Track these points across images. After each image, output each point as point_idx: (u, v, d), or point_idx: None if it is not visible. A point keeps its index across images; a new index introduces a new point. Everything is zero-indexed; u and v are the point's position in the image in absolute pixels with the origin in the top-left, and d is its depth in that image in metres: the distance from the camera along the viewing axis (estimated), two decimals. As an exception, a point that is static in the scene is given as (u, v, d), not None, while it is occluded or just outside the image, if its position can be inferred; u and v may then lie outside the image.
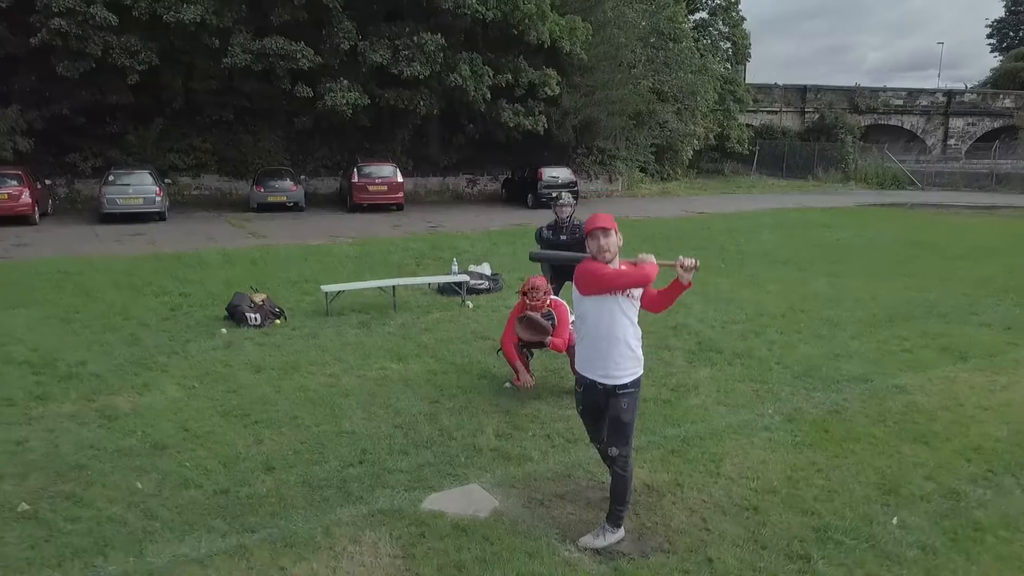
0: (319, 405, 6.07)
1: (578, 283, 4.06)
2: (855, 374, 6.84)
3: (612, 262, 3.96)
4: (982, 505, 4.39)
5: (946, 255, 14.60)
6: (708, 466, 4.93)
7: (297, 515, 4.29)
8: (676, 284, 4.05)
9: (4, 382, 6.62)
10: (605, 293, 3.93)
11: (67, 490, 4.60)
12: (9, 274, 12.43)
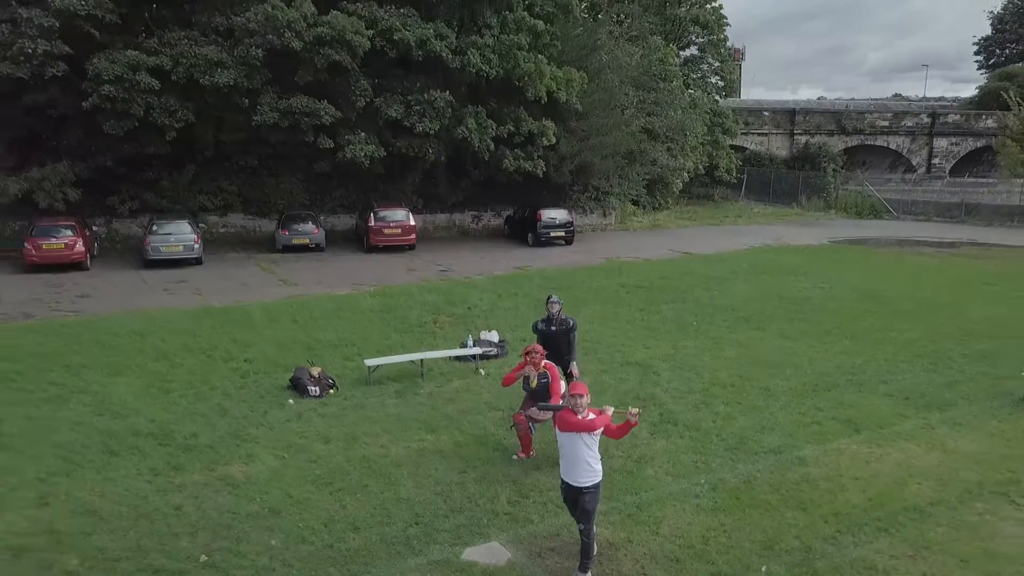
0: (379, 475, 8.45)
1: (558, 424, 6.43)
2: (772, 446, 9.21)
3: (581, 413, 6.30)
4: (824, 557, 6.77)
5: (890, 310, 16.98)
6: (652, 527, 7.30)
7: (381, 564, 6.66)
8: (628, 424, 6.39)
9: (145, 454, 9.00)
10: (574, 433, 6.28)
11: (226, 545, 6.97)
12: (90, 332, 14.79)
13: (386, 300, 18.16)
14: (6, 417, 10.16)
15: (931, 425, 9.98)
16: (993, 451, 9.16)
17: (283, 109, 24.25)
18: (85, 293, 19.22)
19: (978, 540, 7.10)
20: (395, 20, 24.84)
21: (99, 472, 8.59)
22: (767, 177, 45.95)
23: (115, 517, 7.54)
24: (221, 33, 24.27)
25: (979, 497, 7.94)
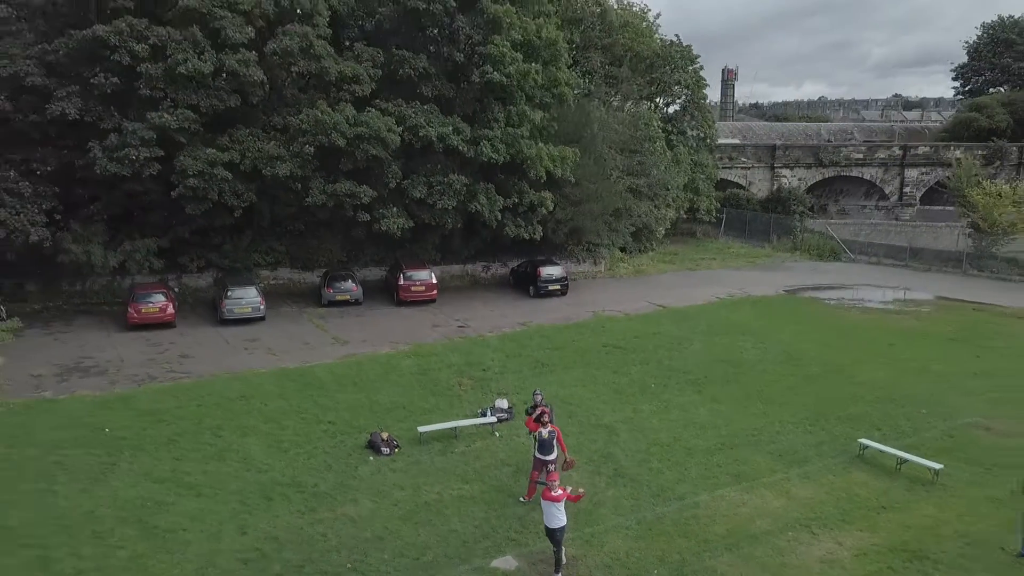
0: (441, 514, 13.94)
1: (543, 495, 11.90)
2: (680, 494, 14.69)
3: (555, 491, 11.74)
4: (691, 566, 12.24)
5: (802, 373, 22.46)
6: (598, 547, 12.77)
7: (445, 570, 12.16)
8: (579, 497, 11.85)
9: (290, 499, 14.49)
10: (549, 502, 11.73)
11: (357, 558, 12.44)
12: (210, 396, 20.28)
13: (419, 361, 23.69)
14: (191, 471, 15.71)
15: (788, 478, 15.47)
16: (817, 497, 14.64)
17: (330, 192, 29.75)
18: (185, 353, 24.75)
19: (780, 556, 12.59)
20: (420, 118, 30.35)
21: (265, 512, 14.11)
22: (744, 217, 51.33)
23: (289, 541, 13.05)
24: (279, 131, 29.76)
25: (793, 528, 13.42)
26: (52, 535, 13.26)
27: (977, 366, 23.29)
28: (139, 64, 26.92)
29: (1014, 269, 38.39)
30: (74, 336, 26.86)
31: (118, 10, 27.08)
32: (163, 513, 14.01)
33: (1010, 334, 27.36)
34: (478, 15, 31.08)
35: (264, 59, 28.72)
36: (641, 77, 46.22)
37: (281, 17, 29.33)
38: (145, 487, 15.07)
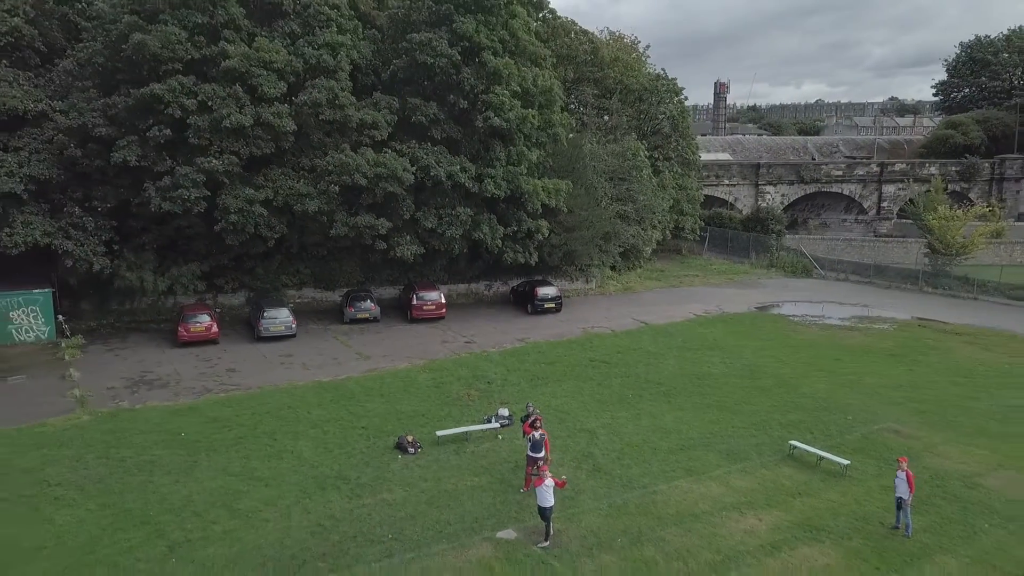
0: (458, 499, 18.07)
1: (534, 482, 16.09)
2: (644, 484, 18.84)
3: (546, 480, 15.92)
4: (648, 537, 16.40)
5: (756, 385, 26.60)
6: (576, 523, 16.91)
7: (462, 539, 16.30)
8: (562, 484, 16.03)
9: (339, 489, 18.64)
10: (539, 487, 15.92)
11: (396, 532, 16.61)
12: (261, 406, 24.42)
13: (433, 375, 27.86)
14: (258, 467, 19.87)
15: (730, 472, 19.62)
16: (750, 486, 18.79)
17: (351, 224, 33.93)
18: (231, 368, 28.93)
19: (713, 528, 16.73)
20: (431, 158, 34.55)
21: (321, 498, 18.26)
22: (726, 235, 55.52)
23: (342, 519, 17.20)
24: (308, 171, 33.93)
25: (727, 510, 17.56)
26: (161, 515, 17.41)
27: (906, 379, 27.47)
28: (188, 116, 31.12)
29: (964, 287, 42.56)
30: (131, 352, 31.06)
31: (170, 71, 31.22)
32: (242, 499, 18.16)
33: (944, 349, 31.54)
34: (480, 67, 35.24)
35: (295, 108, 32.90)
36: (630, 107, 50.46)
37: (309, 72, 33.52)
38: (224, 479, 19.24)
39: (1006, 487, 18.69)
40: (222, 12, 32.28)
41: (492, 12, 35.95)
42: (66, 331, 32.59)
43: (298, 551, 15.87)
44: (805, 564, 15.38)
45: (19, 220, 30.71)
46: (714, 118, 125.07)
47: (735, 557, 15.62)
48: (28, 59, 34.03)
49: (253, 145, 32.19)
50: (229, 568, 15.24)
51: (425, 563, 15.35)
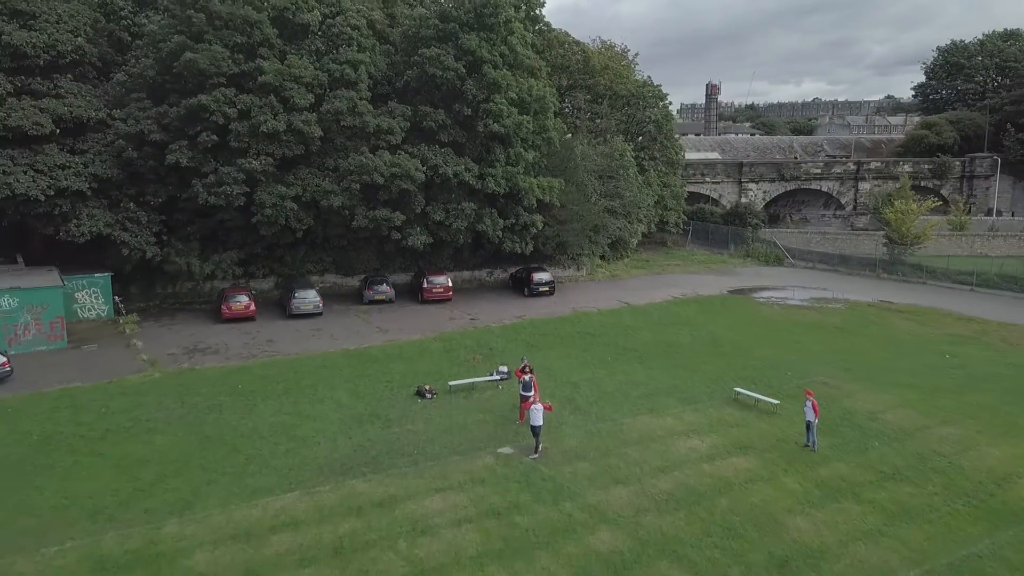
0: (467, 428, 22.96)
1: (527, 405, 21.03)
2: (613, 417, 23.76)
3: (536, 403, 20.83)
4: (595, 453, 21.32)
5: (716, 351, 31.48)
6: (560, 443, 21.81)
7: (472, 455, 21.21)
8: (549, 408, 20.97)
9: (373, 423, 23.58)
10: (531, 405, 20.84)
11: (420, 450, 21.54)
12: (303, 367, 29.32)
13: (444, 344, 32.78)
14: (305, 409, 24.77)
15: (684, 411, 24.52)
16: (698, 420, 23.68)
17: (370, 217, 38.80)
18: (270, 339, 33.83)
19: (664, 447, 21.63)
20: (439, 159, 39.41)
21: (359, 429, 23.13)
22: (708, 228, 60.42)
23: (378, 441, 22.11)
24: (332, 170, 38.79)
25: (677, 435, 22.45)
26: (235, 439, 22.32)
27: (845, 346, 32.38)
28: (230, 123, 36.00)
29: (916, 273, 47.42)
30: (182, 326, 35.98)
31: (214, 83, 36.08)
32: (297, 429, 23.08)
33: (884, 324, 36.44)
34: (482, 79, 40.06)
35: (321, 116, 37.76)
36: (619, 112, 55.33)
37: (333, 84, 38.39)
38: (280, 417, 24.15)
39: (899, 420, 23.61)
40: (258, 33, 37.12)
41: (493, 29, 40.78)
42: (122, 310, 37.52)
43: (345, 462, 20.77)
44: (732, 467, 20.29)
45: (85, 213, 35.64)
46: (705, 118, 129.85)
47: (679, 464, 20.53)
48: (87, 73, 38.90)
49: (285, 148, 37.06)
50: (295, 471, 20.15)
51: (443, 468, 20.26)
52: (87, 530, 17.12)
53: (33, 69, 36.01)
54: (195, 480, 19.63)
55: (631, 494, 18.75)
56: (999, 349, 32.14)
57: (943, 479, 19.55)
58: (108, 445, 21.92)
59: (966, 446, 21.62)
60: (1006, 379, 27.94)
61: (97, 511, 18.02)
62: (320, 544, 16.42)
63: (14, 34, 35.02)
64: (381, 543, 16.45)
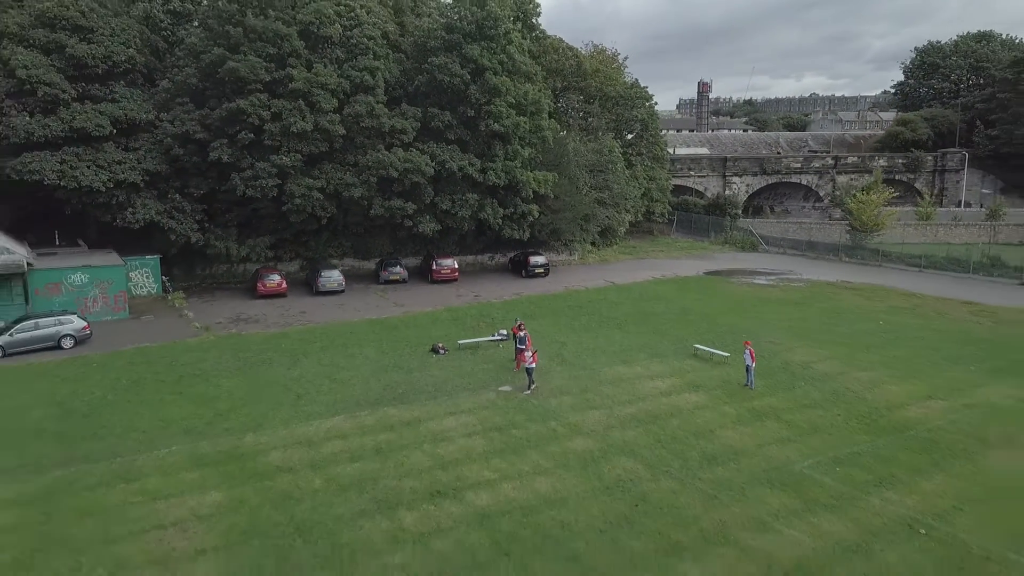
0: (474, 374, 28.29)
1: (521, 356, 26.41)
2: (594, 368, 29.08)
3: (527, 353, 26.19)
4: (588, 388, 26.70)
5: (686, 319, 36.80)
6: (549, 383, 27.14)
7: (478, 391, 26.57)
8: (535, 358, 26.33)
9: (398, 369, 28.94)
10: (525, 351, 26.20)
11: (439, 390, 26.93)
12: (335, 333, 34.69)
13: (452, 315, 38.13)
14: (340, 362, 30.11)
15: (651, 362, 29.84)
16: (662, 368, 28.98)
17: (386, 207, 44.13)
18: (302, 311, 39.18)
19: (632, 386, 26.97)
20: (446, 155, 44.71)
21: (385, 375, 28.44)
22: (691, 218, 65.70)
23: (402, 383, 27.46)
24: (352, 165, 44.07)
25: (642, 379, 27.80)
26: (286, 383, 27.63)
27: (796, 316, 37.70)
28: (264, 124, 41.27)
29: (874, 256, 52.70)
30: (223, 302, 41.35)
31: (251, 89, 41.32)
32: (336, 375, 28.41)
33: (835, 298, 41.76)
34: (484, 84, 45.29)
35: (343, 117, 43.02)
36: (609, 112, 60.55)
37: (354, 89, 43.63)
38: (320, 367, 29.50)
39: (825, 368, 28.96)
40: (287, 45, 42.34)
41: (493, 40, 46.00)
42: (169, 288, 42.92)
43: (378, 397, 26.11)
44: (684, 400, 25.63)
45: (139, 203, 40.98)
46: (697, 115, 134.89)
47: (643, 398, 25.85)
48: (136, 79, 44.16)
49: (312, 145, 42.35)
50: (338, 403, 25.48)
51: (456, 400, 25.60)
52: (184, 440, 22.47)
53: (92, 77, 41.25)
54: (261, 409, 24.99)
55: (602, 416, 24.09)
56: (928, 317, 37.47)
57: (847, 407, 24.89)
58: (184, 387, 27.30)
59: (873, 385, 26.96)
60: (926, 340, 33.26)
61: (189, 429, 23.38)
62: (364, 448, 21.78)
63: (76, 47, 40.26)
64: (410, 447, 21.80)
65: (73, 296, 36.49)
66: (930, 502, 18.39)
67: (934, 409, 24.63)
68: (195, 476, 20.07)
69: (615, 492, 18.99)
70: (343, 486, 19.31)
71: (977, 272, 47.41)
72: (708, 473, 20.04)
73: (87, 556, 16.19)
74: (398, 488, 19.18)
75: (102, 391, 26.85)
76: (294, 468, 20.47)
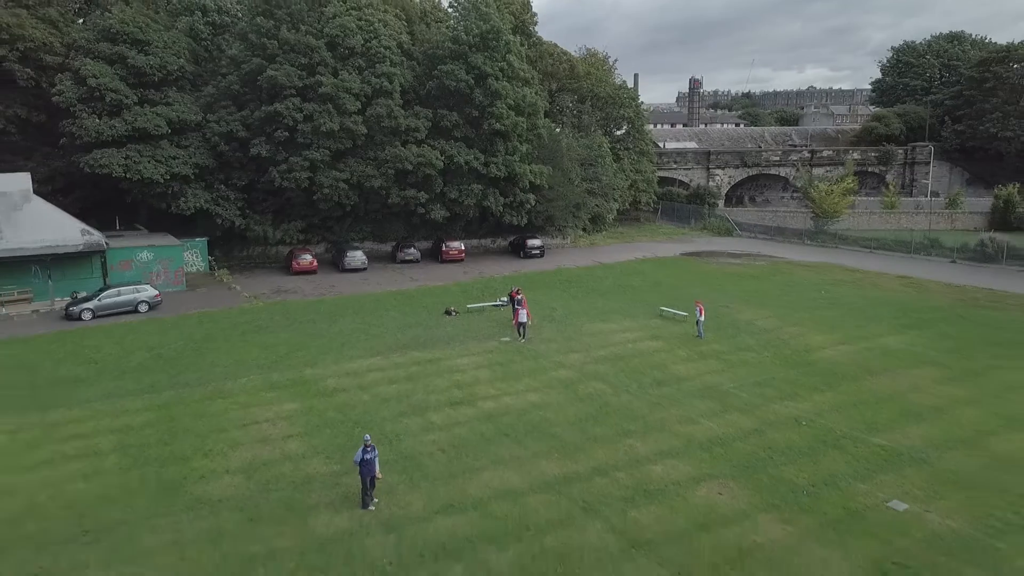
0: (479, 330, 35.03)
1: (517, 313, 33.21)
2: (576, 323, 35.79)
3: (522, 310, 32.95)
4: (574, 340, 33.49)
5: (657, 291, 43.55)
6: (541, 336, 33.94)
7: (480, 340, 33.35)
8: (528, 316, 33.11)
9: (419, 327, 35.75)
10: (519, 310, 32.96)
11: (455, 339, 33.75)
12: (364, 301, 41.49)
13: (460, 287, 44.93)
14: (371, 320, 36.91)
15: (624, 320, 36.59)
16: (631, 325, 35.74)
17: (401, 196, 50.86)
18: (332, 285, 45.99)
19: (606, 337, 33.72)
20: (454, 150, 51.40)
21: (409, 330, 35.19)
22: (674, 207, 72.36)
23: (422, 336, 34.24)
24: (372, 160, 50.77)
25: (616, 333, 34.54)
26: (329, 335, 34.39)
27: (752, 287, 44.41)
28: (297, 124, 47.94)
29: (833, 240, 59.35)
30: (263, 277, 48.16)
31: (286, 94, 47.97)
32: (368, 331, 35.16)
33: (790, 273, 48.47)
34: (487, 88, 51.88)
35: (365, 118, 49.67)
36: (599, 111, 67.15)
37: (374, 93, 50.26)
38: (355, 325, 36.25)
39: (765, 324, 35.70)
40: (317, 55, 48.94)
41: (495, 50, 52.56)
42: (215, 266, 49.70)
43: (405, 344, 32.85)
44: (646, 346, 32.36)
45: (190, 192, 47.71)
46: (689, 110, 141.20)
47: (614, 344, 32.56)
48: (184, 85, 50.81)
49: (338, 142, 49.04)
50: (374, 349, 32.22)
51: (466, 346, 32.36)
52: (258, 373, 29.24)
53: (149, 84, 47.91)
54: (313, 353, 31.77)
55: (580, 356, 30.86)
56: (865, 288, 44.18)
57: (775, 350, 31.65)
58: (248, 338, 34.09)
59: (799, 335, 33.72)
60: (855, 305, 39.97)
61: (259, 365, 30.16)
62: (398, 376, 28.56)
63: (137, 58, 46.90)
64: (433, 375, 28.56)
65: (141, 271, 43.26)
66: (816, 407, 25.16)
67: (841, 351, 31.39)
68: (273, 395, 26.86)
69: (586, 401, 25.78)
70: (385, 399, 26.10)
71: (918, 252, 54.09)
72: (656, 391, 26.83)
73: (208, 439, 22.97)
74: (426, 400, 25.98)
75: (182, 342, 33.65)
76: (346, 389, 27.27)
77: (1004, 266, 49.16)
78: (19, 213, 40.76)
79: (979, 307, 39.18)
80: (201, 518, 18.18)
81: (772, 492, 19.16)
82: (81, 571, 16.12)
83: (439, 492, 19.28)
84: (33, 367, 30.20)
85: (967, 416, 24.12)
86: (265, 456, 21.62)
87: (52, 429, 23.74)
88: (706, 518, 17.92)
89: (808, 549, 16.62)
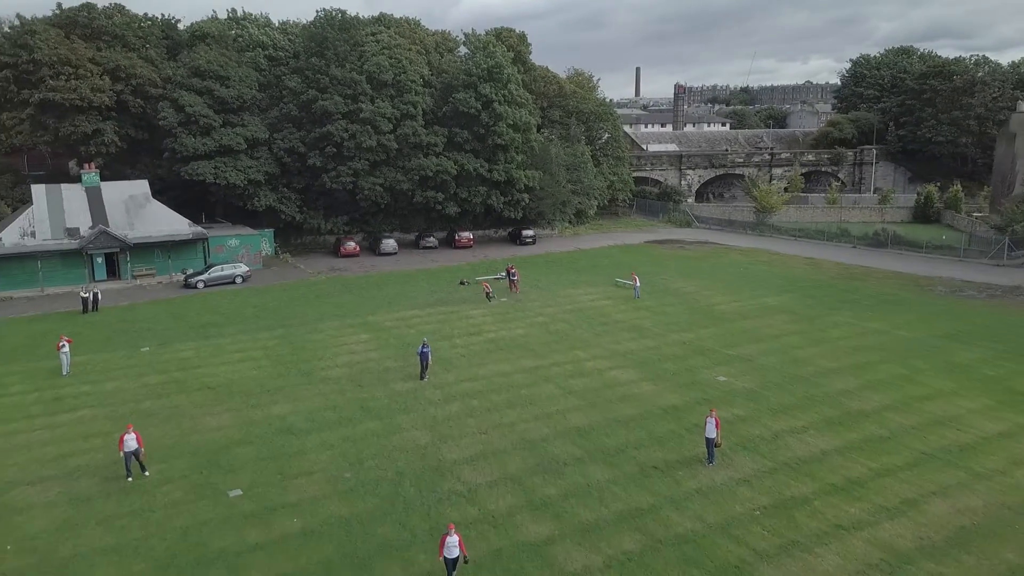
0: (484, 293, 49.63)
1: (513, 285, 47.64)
2: (555, 290, 50.21)
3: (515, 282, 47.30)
4: (564, 334, 47.90)
5: (621, 271, 57.93)
6: (526, 299, 48.35)
7: (478, 304, 47.78)
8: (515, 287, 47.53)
9: (437, 302, 50.21)
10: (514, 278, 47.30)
11: (458, 300, 48.18)
12: (397, 277, 55.97)
13: (471, 266, 59.39)
14: (404, 290, 51.37)
15: (589, 287, 50.94)
16: (593, 292, 50.05)
17: (423, 196, 65.28)
18: (372, 265, 60.54)
19: (574, 302, 48.13)
20: (465, 160, 65.80)
21: (433, 294, 49.57)
22: (648, 203, 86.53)
23: (445, 296, 48.68)
24: (402, 168, 65.09)
25: (582, 297, 48.90)
26: (378, 297, 48.81)
27: (689, 266, 58.66)
28: (344, 141, 62.31)
29: (770, 230, 73.45)
30: (316, 260, 62.75)
31: (335, 118, 62.27)
32: (407, 293, 49.58)
33: (722, 255, 62.70)
34: (491, 112, 66.08)
35: (396, 136, 63.99)
36: (583, 124, 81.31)
37: (402, 116, 64.54)
38: (396, 290, 50.71)
39: (687, 290, 49.97)
40: (359, 87, 63.20)
41: (498, 80, 66.70)
42: (279, 251, 64.29)
43: (432, 302, 47.24)
44: (600, 304, 46.65)
45: (261, 194, 62.21)
46: (673, 115, 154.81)
47: (578, 303, 46.89)
48: (254, 110, 65.19)
49: (376, 155, 63.42)
50: (412, 305, 46.58)
51: (475, 305, 46.73)
52: (336, 319, 43.62)
53: (230, 110, 62.31)
54: (370, 307, 46.18)
55: (554, 309, 45.22)
56: (775, 266, 58.38)
57: (687, 306, 45.93)
58: (322, 299, 48.55)
59: (709, 296, 47.98)
60: (760, 278, 54.13)
61: (335, 315, 44.57)
62: (431, 320, 42.95)
63: (221, 91, 61.29)
64: (454, 320, 42.93)
65: (231, 254, 57.78)
66: (699, 336, 39.41)
67: (733, 306, 45.71)
68: (351, 330, 41.32)
69: (554, 334, 40.18)
70: (425, 332, 40.47)
71: (831, 240, 68.21)
72: (599, 328, 41.20)
73: (318, 352, 37.39)
74: (451, 332, 40.41)
75: (276, 303, 48.15)
76: (398, 327, 41.73)
77: (889, 250, 63.25)
78: (143, 210, 55.46)
79: (851, 279, 53.44)
80: (328, 385, 32.65)
81: (653, 373, 33.55)
82: (271, 406, 30.55)
83: (462, 373, 33.75)
84: (182, 316, 44.78)
85: (790, 340, 38.43)
86: (357, 360, 36.11)
87: (218, 348, 38.27)
88: (611, 383, 32.30)
89: (662, 395, 30.98)
